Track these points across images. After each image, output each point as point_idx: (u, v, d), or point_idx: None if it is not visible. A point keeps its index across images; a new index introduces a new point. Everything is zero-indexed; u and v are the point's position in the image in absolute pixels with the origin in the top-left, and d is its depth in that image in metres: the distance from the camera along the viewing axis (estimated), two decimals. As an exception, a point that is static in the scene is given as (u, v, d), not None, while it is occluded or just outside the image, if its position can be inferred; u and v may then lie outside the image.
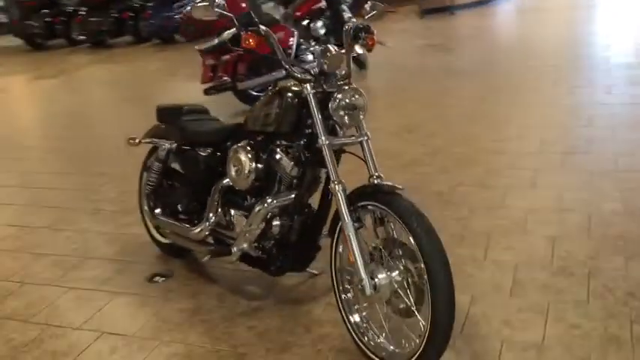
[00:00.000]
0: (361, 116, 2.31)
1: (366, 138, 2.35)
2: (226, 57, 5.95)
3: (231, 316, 2.67)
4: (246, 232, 2.55)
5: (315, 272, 2.81)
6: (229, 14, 2.39)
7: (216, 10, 2.32)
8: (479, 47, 8.08)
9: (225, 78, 5.91)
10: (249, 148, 2.57)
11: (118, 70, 10.91)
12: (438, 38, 8.94)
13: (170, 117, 3.08)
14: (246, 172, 2.53)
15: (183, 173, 3.08)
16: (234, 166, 2.59)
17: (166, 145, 3.02)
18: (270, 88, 2.63)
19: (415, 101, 5.85)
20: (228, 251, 2.61)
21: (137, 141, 3.18)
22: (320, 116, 2.27)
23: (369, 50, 2.50)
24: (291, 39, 6.26)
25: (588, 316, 2.35)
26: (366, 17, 2.52)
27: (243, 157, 2.55)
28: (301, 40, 6.62)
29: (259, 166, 2.54)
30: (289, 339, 2.47)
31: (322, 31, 6.93)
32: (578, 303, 2.44)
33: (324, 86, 2.31)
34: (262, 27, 2.38)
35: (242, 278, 2.95)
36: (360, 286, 2.15)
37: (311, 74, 2.35)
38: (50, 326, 2.78)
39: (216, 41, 5.97)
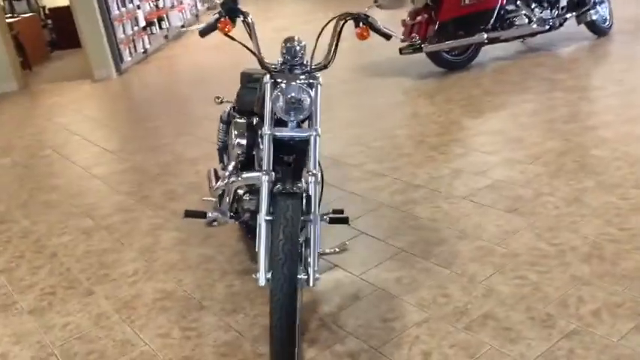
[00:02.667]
0: (304, 112, 2.31)
1: (314, 134, 2.35)
2: (419, 17, 5.86)
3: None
4: (225, 201, 2.77)
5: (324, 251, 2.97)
6: None
7: None
8: None
9: (416, 39, 5.83)
10: (242, 123, 2.75)
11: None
12: None
13: (241, 82, 3.37)
14: (233, 144, 2.73)
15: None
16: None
17: (228, 107, 3.34)
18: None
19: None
20: (202, 214, 2.86)
21: (220, 100, 3.55)
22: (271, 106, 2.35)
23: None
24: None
25: None
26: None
27: (233, 130, 2.75)
28: (518, 2, 6.11)
29: (241, 142, 2.71)
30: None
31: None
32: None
33: (280, 77, 2.36)
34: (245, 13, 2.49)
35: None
36: (255, 276, 2.25)
37: (281, 65, 2.41)
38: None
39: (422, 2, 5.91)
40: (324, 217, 2.90)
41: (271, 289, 1.98)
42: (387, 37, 2.59)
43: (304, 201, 2.32)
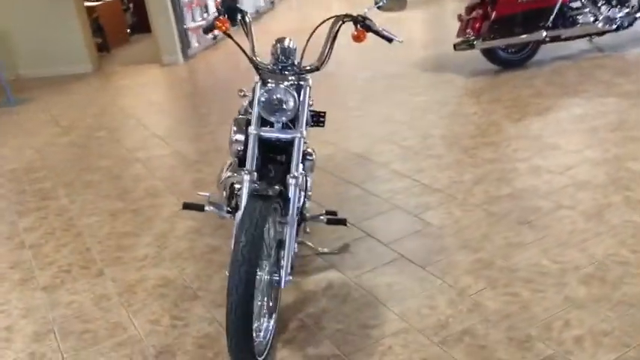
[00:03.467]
0: (287, 114, 2.33)
1: (298, 135, 2.36)
2: (474, 13, 5.68)
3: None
4: (223, 196, 2.83)
5: (324, 250, 3.00)
6: None
7: None
8: None
9: (470, 34, 5.67)
10: (242, 119, 2.79)
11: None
12: None
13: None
14: (232, 140, 2.77)
15: None
16: None
17: (246, 101, 3.39)
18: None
19: None
20: (201, 207, 2.92)
21: (242, 94, 3.61)
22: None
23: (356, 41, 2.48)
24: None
25: None
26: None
27: (233, 126, 2.79)
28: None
29: (239, 138, 2.74)
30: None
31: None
32: None
33: (269, 77, 2.39)
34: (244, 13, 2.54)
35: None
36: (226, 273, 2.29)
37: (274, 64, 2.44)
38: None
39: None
40: (321, 217, 2.92)
41: (228, 289, 2.01)
42: (388, 40, 2.54)
43: (285, 202, 2.35)
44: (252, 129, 2.41)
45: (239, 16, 2.59)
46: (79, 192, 4.32)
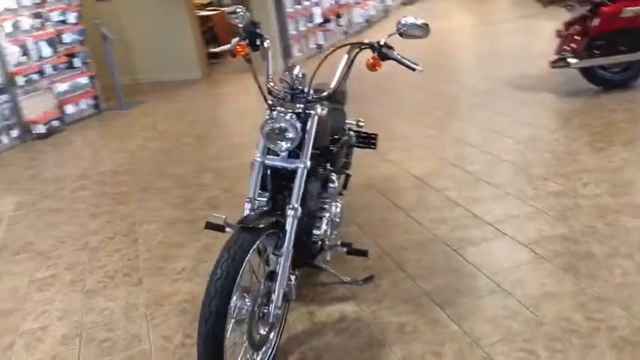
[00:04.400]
0: (287, 143, 2.31)
1: (302, 166, 2.33)
2: (572, 29, 5.28)
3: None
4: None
5: (347, 280, 2.95)
6: None
7: None
8: None
9: (567, 51, 5.28)
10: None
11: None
12: None
13: None
14: (253, 160, 2.78)
15: None
16: None
17: None
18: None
19: None
20: (222, 228, 2.92)
21: None
22: None
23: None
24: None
25: None
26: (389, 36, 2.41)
27: (258, 146, 2.80)
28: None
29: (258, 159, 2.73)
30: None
31: None
32: None
33: (278, 106, 2.39)
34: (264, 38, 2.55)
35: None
36: None
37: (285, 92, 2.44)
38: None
39: (579, 12, 5.33)
40: (338, 248, 2.85)
41: (199, 320, 2.01)
42: (410, 68, 2.42)
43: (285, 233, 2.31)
44: (257, 156, 2.40)
45: (258, 42, 2.59)
46: (149, 198, 4.54)
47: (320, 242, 2.72)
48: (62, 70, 7.28)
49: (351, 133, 3.41)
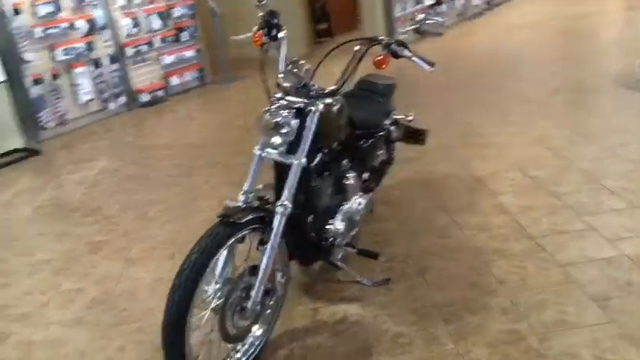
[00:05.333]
0: (280, 138, 2.30)
1: (296, 162, 2.32)
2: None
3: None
4: None
5: (362, 280, 2.89)
6: None
7: None
8: None
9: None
10: None
11: None
12: None
13: (355, 85, 3.38)
14: None
15: None
16: None
17: None
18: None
19: None
20: None
21: None
22: None
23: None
24: None
25: None
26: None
27: None
28: None
29: None
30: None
31: None
32: None
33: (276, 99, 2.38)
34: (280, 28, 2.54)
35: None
36: None
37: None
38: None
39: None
40: (348, 249, 2.79)
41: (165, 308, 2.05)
42: (423, 67, 2.29)
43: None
44: (255, 149, 2.39)
45: (274, 32, 2.56)
46: (216, 174, 4.70)
47: (332, 239, 2.67)
48: (170, 43, 7.68)
49: (392, 128, 3.28)
